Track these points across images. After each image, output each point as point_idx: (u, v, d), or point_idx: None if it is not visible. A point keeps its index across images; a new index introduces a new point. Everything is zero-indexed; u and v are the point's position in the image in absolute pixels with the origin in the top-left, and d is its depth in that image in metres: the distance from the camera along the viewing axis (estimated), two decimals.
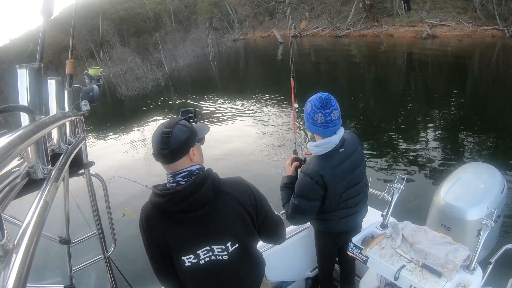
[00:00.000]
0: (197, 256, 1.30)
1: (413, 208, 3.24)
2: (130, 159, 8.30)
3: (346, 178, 1.82)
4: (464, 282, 1.55)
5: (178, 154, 1.24)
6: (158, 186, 1.30)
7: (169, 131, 1.22)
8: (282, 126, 8.55)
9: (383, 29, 21.70)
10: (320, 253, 2.23)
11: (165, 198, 1.22)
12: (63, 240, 1.46)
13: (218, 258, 1.32)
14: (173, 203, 1.21)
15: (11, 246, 0.52)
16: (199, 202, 1.22)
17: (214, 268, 1.34)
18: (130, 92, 17.85)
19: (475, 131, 6.92)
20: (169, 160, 1.24)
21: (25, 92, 0.89)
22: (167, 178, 1.29)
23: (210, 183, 1.24)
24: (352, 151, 1.84)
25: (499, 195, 2.37)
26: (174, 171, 1.27)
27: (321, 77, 15.19)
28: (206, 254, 1.31)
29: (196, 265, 1.32)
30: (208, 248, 1.30)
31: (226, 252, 1.32)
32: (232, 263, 1.34)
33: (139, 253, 4.19)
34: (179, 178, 1.26)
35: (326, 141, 1.73)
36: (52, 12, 0.99)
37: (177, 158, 1.24)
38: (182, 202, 1.21)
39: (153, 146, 1.25)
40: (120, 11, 42.54)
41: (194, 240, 1.29)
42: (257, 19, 37.85)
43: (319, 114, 1.69)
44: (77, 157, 1.24)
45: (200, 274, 1.35)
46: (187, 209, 1.23)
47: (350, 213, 1.96)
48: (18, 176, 0.78)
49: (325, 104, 1.68)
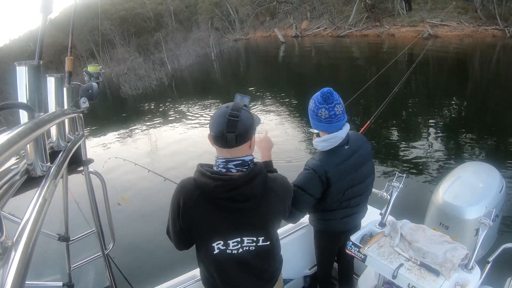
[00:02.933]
0: (227, 245, 1.30)
1: (411, 207, 3.24)
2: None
3: (349, 175, 1.80)
4: (462, 281, 1.55)
5: (242, 140, 1.22)
6: (205, 166, 1.27)
7: (238, 115, 1.19)
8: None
9: (384, 29, 21.68)
10: (319, 252, 2.23)
11: (216, 182, 1.19)
12: (62, 237, 1.46)
13: (245, 249, 1.33)
14: (224, 189, 1.20)
15: (10, 244, 0.52)
16: (248, 195, 1.23)
17: (237, 258, 1.34)
18: (134, 91, 17.91)
19: (474, 131, 6.92)
20: (232, 144, 1.20)
21: (24, 89, 0.89)
22: (217, 162, 1.26)
23: (261, 179, 1.25)
24: (357, 148, 1.83)
25: (498, 195, 2.37)
26: (230, 156, 1.24)
27: (322, 77, 15.18)
28: (235, 246, 1.31)
29: (223, 253, 1.32)
30: (239, 240, 1.31)
31: (255, 244, 1.33)
32: (258, 255, 1.36)
33: (138, 251, 4.22)
34: (230, 166, 1.24)
35: (333, 136, 1.72)
36: (51, 10, 0.99)
37: (241, 143, 1.22)
38: (232, 191, 1.20)
39: (216, 128, 1.20)
40: (121, 11, 42.53)
41: (229, 230, 1.29)
42: (258, 19, 37.82)
43: (323, 109, 1.68)
44: (76, 155, 1.25)
45: (225, 261, 1.35)
46: (234, 198, 1.22)
47: (351, 213, 1.96)
48: (17, 174, 0.78)
49: (328, 98, 1.67)
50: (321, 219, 2.01)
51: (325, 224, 2.01)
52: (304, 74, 16.39)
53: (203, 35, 31.54)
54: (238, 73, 21.07)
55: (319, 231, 2.12)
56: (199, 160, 1.37)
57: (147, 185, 5.55)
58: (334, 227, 2.00)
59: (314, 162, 1.75)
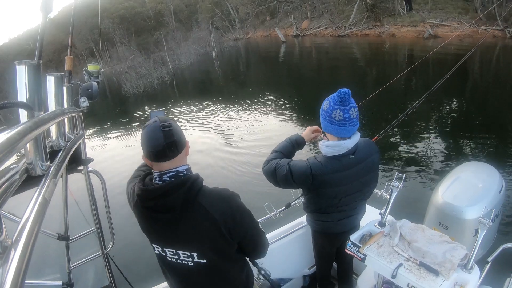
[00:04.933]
0: (165, 252, 1.30)
1: (411, 207, 3.24)
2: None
3: (347, 184, 1.77)
4: (461, 281, 1.55)
5: (181, 146, 1.20)
6: (148, 176, 1.26)
7: (170, 124, 1.17)
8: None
9: (385, 29, 21.69)
10: (317, 252, 2.22)
11: (138, 191, 1.20)
12: (62, 236, 1.46)
13: (184, 262, 1.28)
14: (142, 199, 1.20)
15: (10, 243, 0.52)
16: (165, 207, 1.18)
17: (179, 270, 1.32)
18: (135, 90, 17.93)
19: (474, 131, 6.93)
20: (175, 152, 1.18)
21: (24, 88, 0.89)
22: (154, 176, 1.22)
23: (183, 191, 1.16)
24: (365, 158, 1.77)
25: (497, 195, 2.37)
26: (167, 169, 1.20)
27: (323, 77, 15.19)
28: (172, 256, 1.29)
29: (164, 258, 1.32)
30: (174, 251, 1.28)
31: (191, 259, 1.27)
32: (198, 272, 1.29)
33: (137, 250, 4.21)
34: (166, 178, 1.20)
35: (338, 144, 1.67)
36: (51, 9, 0.99)
37: (180, 151, 1.19)
38: (150, 200, 1.19)
39: (153, 143, 1.15)
40: (121, 10, 42.56)
41: (161, 239, 1.28)
42: (258, 19, 37.84)
43: (338, 111, 1.61)
44: (76, 154, 1.25)
45: (167, 268, 1.36)
46: (153, 208, 1.20)
47: (347, 216, 1.95)
48: (17, 173, 0.78)
49: (345, 99, 1.60)
50: (317, 220, 2.00)
51: (322, 225, 2.01)
52: (306, 74, 16.39)
53: (204, 34, 31.54)
54: (240, 72, 21.09)
55: (316, 231, 2.11)
56: (194, 160, 1.36)
57: None
58: (331, 228, 1.99)
59: (314, 161, 1.72)
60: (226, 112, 10.89)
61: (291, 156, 1.93)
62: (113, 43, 36.62)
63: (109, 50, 35.66)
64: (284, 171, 1.72)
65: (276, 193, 2.01)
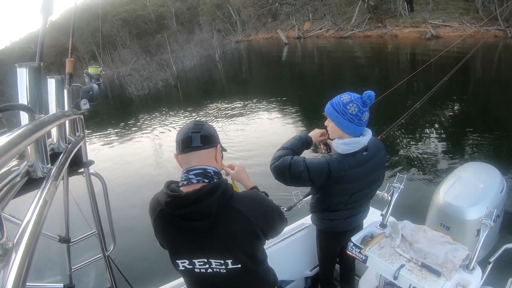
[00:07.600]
0: (193, 264, 1.24)
1: (412, 208, 3.23)
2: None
3: (360, 180, 1.80)
4: (463, 282, 1.54)
5: (207, 141, 1.19)
6: (172, 183, 1.22)
7: (202, 122, 1.22)
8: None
9: (387, 30, 21.69)
10: (322, 252, 2.22)
11: (167, 199, 1.14)
12: (63, 239, 1.46)
13: (215, 270, 1.23)
14: (173, 207, 1.14)
15: (11, 245, 0.52)
16: (200, 213, 1.13)
17: (210, 279, 1.26)
18: (140, 92, 18.01)
19: (475, 131, 6.89)
20: (197, 143, 1.16)
21: (25, 91, 0.89)
22: (181, 176, 1.20)
23: (218, 196, 1.13)
24: (374, 155, 1.83)
25: (499, 195, 2.37)
26: (193, 165, 1.18)
27: (326, 79, 15.20)
28: (202, 266, 1.23)
29: (191, 271, 1.26)
30: (205, 261, 1.22)
31: (225, 266, 1.22)
32: (231, 279, 1.25)
33: (139, 252, 4.21)
34: (191, 175, 1.17)
35: (356, 141, 1.71)
36: (51, 11, 0.99)
37: (206, 145, 1.18)
38: (182, 208, 1.13)
39: (181, 133, 1.19)
40: (122, 13, 42.70)
41: (191, 249, 1.22)
42: (260, 21, 37.88)
43: (366, 113, 1.70)
44: (76, 156, 1.25)
45: (194, 280, 1.30)
46: (185, 216, 1.14)
47: (355, 213, 1.97)
48: (18, 175, 0.78)
49: (369, 102, 1.68)
50: (325, 219, 2.01)
51: (329, 223, 2.02)
52: (308, 76, 16.40)
53: (206, 36, 31.63)
54: (243, 74, 21.13)
55: (322, 230, 2.11)
56: None
57: (149, 187, 5.55)
58: (338, 226, 2.00)
59: (331, 158, 1.73)
60: (229, 112, 10.94)
61: (300, 154, 1.93)
62: (115, 46, 36.74)
63: (111, 53, 35.80)
64: (301, 168, 1.72)
65: (277, 194, 2.00)
